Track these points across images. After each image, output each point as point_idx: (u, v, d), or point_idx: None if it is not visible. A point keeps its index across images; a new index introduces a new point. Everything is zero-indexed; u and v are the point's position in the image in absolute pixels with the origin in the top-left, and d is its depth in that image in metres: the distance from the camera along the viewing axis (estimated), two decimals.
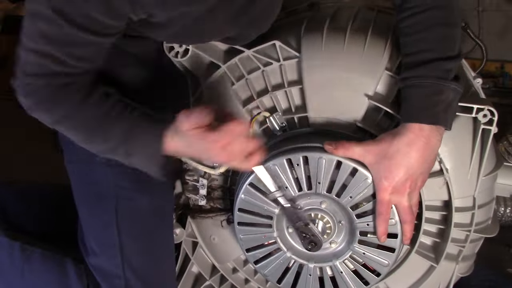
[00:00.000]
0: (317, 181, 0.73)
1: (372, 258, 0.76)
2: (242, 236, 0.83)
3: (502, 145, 1.41)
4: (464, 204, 0.80)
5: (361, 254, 0.77)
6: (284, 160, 0.73)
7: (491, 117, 0.71)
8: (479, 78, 0.88)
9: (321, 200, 0.76)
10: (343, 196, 0.73)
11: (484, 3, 1.74)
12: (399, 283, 0.88)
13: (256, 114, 0.84)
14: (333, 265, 0.79)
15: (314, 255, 0.80)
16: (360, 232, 0.75)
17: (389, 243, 0.74)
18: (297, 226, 0.76)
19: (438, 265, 0.82)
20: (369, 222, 0.74)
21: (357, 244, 0.76)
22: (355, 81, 0.75)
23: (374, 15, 0.87)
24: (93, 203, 0.88)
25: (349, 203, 0.73)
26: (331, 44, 0.77)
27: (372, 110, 0.78)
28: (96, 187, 0.87)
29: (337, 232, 0.78)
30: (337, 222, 0.76)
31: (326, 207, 0.76)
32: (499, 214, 1.34)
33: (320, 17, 0.86)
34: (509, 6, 1.72)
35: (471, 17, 1.80)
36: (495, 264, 1.18)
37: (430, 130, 0.66)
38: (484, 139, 0.74)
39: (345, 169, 0.71)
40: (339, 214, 0.76)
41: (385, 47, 0.76)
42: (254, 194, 0.78)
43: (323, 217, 0.77)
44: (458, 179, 0.77)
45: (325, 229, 0.77)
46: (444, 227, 0.81)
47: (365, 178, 0.71)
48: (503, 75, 1.74)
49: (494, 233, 0.87)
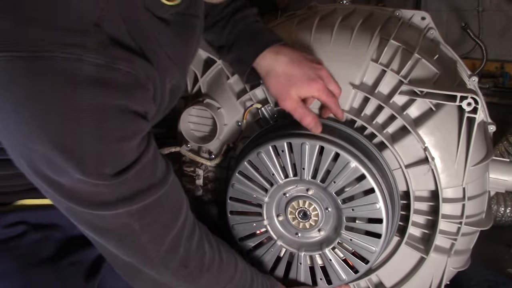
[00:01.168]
0: (301, 167, 0.74)
1: (359, 245, 0.76)
2: (234, 225, 0.85)
3: (502, 145, 1.41)
4: (453, 195, 0.81)
5: (348, 240, 0.77)
6: (270, 146, 0.74)
7: (475, 105, 0.71)
8: (475, 76, 0.90)
9: (307, 187, 0.77)
10: (327, 181, 0.73)
11: (484, 3, 1.75)
12: (391, 275, 0.88)
13: (249, 106, 0.87)
14: (322, 253, 0.80)
15: (303, 243, 0.81)
16: (346, 218, 0.76)
17: (375, 228, 0.74)
18: None
19: (428, 257, 0.82)
20: (354, 207, 0.74)
21: (344, 230, 0.76)
22: (342, 72, 0.78)
23: (367, 14, 0.90)
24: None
25: (334, 189, 0.74)
26: (319, 37, 0.80)
27: (361, 101, 0.80)
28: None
29: (325, 219, 0.78)
30: (324, 209, 0.77)
31: (313, 194, 0.77)
32: (499, 214, 1.33)
33: (312, 15, 0.90)
34: (509, 6, 1.72)
35: (471, 17, 1.81)
36: (495, 264, 1.17)
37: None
38: (470, 128, 0.75)
39: (328, 154, 0.72)
40: (326, 200, 0.77)
41: (371, 39, 0.78)
42: (243, 182, 0.80)
43: (310, 204, 0.78)
44: (445, 169, 0.78)
45: (313, 216, 0.78)
46: (433, 218, 0.82)
47: (347, 162, 0.71)
48: (503, 75, 1.73)
49: (487, 226, 0.86)
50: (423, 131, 0.76)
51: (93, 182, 0.50)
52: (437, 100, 0.74)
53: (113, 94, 0.49)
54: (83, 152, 0.48)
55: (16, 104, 0.45)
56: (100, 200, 0.53)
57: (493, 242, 0.99)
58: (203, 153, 0.94)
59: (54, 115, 0.46)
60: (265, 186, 0.78)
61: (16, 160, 0.52)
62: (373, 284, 0.90)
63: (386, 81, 0.77)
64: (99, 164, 0.50)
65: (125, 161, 0.53)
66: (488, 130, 0.90)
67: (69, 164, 0.48)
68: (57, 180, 0.51)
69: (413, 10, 0.94)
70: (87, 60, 0.46)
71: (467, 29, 1.46)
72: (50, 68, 0.44)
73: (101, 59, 0.47)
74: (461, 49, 1.82)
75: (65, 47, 0.45)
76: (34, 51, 0.44)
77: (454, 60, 0.91)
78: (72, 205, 0.53)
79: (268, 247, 0.84)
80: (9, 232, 0.67)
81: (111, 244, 0.60)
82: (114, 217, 0.55)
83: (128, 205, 0.55)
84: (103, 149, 0.50)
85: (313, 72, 0.75)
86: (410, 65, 0.77)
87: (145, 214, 0.58)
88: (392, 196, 0.77)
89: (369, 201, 0.73)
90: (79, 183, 0.50)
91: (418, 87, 0.74)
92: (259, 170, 0.78)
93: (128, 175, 0.53)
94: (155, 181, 0.57)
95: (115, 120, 0.50)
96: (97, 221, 0.56)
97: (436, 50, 0.85)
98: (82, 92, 0.46)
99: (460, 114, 0.75)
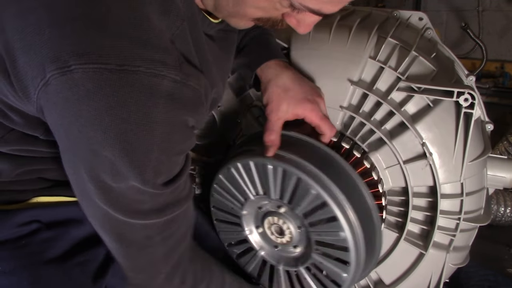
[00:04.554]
0: (268, 186, 0.70)
1: (330, 269, 0.72)
2: (220, 232, 0.85)
3: (502, 145, 1.41)
4: (451, 191, 0.81)
5: (319, 263, 0.74)
6: (238, 163, 0.72)
7: (472, 101, 0.72)
8: (472, 75, 0.90)
9: (278, 204, 0.74)
10: (293, 203, 0.70)
11: (484, 3, 1.75)
12: (390, 272, 0.88)
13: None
14: (298, 270, 0.77)
15: (282, 257, 0.79)
16: (315, 241, 0.72)
17: (342, 256, 0.70)
18: None
19: (426, 253, 0.82)
20: (320, 232, 0.70)
21: (315, 253, 0.73)
22: (340, 69, 0.79)
23: (365, 14, 0.91)
24: None
25: (300, 211, 0.70)
26: (317, 35, 0.81)
27: (360, 97, 0.81)
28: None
29: (299, 237, 0.75)
30: (297, 227, 0.74)
31: (285, 212, 0.73)
32: (499, 214, 1.33)
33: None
34: (509, 6, 1.73)
35: (471, 17, 1.81)
36: (495, 264, 1.17)
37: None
38: (467, 124, 0.75)
39: (290, 178, 0.68)
40: (297, 220, 0.73)
41: (369, 37, 0.79)
42: (221, 193, 0.78)
43: (284, 222, 0.75)
44: (443, 164, 0.78)
45: (287, 233, 0.75)
46: (432, 214, 0.82)
47: (309, 188, 0.66)
48: (503, 75, 1.74)
49: (485, 222, 0.87)
50: (421, 127, 0.77)
51: (144, 190, 0.53)
52: (434, 96, 0.74)
53: (182, 109, 0.52)
54: (148, 161, 0.51)
55: (98, 113, 0.47)
56: (139, 208, 0.55)
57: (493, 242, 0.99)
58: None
59: (134, 125, 0.48)
60: (240, 199, 0.76)
61: (71, 163, 0.54)
62: (372, 282, 0.91)
63: (384, 78, 0.78)
64: (156, 174, 0.53)
65: (174, 173, 0.56)
66: (486, 129, 0.91)
67: (132, 172, 0.51)
68: (111, 185, 0.52)
69: (411, 10, 0.96)
70: (168, 76, 0.49)
71: (467, 29, 1.47)
72: (135, 82, 0.47)
73: (179, 76, 0.50)
74: (461, 49, 1.83)
75: (151, 63, 0.47)
76: (122, 64, 0.46)
77: (452, 59, 0.92)
78: (110, 211, 0.55)
79: (251, 257, 0.83)
80: (22, 231, 0.68)
81: (130, 256, 0.61)
82: (143, 227, 0.57)
83: (160, 216, 0.57)
84: (164, 160, 0.53)
85: (312, 94, 0.75)
86: (407, 62, 0.78)
87: (168, 227, 0.60)
88: (368, 221, 0.72)
89: (332, 228, 0.68)
90: (131, 189, 0.53)
91: (415, 83, 0.75)
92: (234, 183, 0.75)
93: (173, 187, 0.56)
94: (184, 195, 0.60)
95: (179, 134, 0.53)
96: (126, 229, 0.57)
97: (434, 49, 0.86)
98: (159, 106, 0.49)
99: (457, 110, 0.76)
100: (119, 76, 0.46)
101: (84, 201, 0.57)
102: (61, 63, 0.45)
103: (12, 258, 0.67)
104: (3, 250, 0.66)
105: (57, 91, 0.46)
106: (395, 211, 0.84)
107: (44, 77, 0.46)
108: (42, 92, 0.47)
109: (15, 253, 0.67)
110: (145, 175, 0.51)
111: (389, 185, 0.82)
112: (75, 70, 0.45)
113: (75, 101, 0.46)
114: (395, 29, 0.84)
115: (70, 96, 0.46)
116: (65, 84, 0.45)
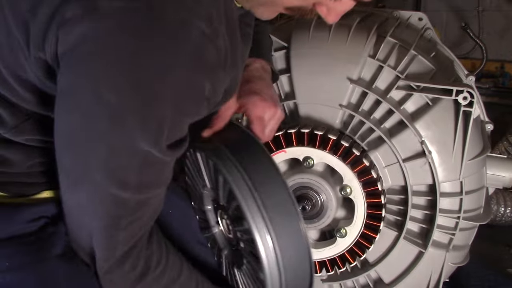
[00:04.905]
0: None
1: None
2: (199, 221, 0.81)
3: (502, 145, 1.41)
4: (451, 189, 0.81)
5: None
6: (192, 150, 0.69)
7: (471, 99, 0.72)
8: (472, 75, 0.91)
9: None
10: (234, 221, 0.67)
11: (484, 3, 1.76)
12: (390, 271, 0.88)
13: None
14: (235, 270, 0.74)
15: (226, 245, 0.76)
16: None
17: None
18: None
19: (426, 251, 0.82)
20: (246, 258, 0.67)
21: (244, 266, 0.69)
22: (339, 67, 0.79)
23: (365, 14, 0.91)
24: None
25: (237, 229, 0.67)
26: (317, 35, 0.82)
27: (359, 96, 0.81)
28: None
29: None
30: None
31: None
32: (499, 214, 1.33)
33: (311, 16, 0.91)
34: (509, 6, 1.74)
35: (471, 17, 1.82)
36: (495, 264, 1.17)
37: None
38: (466, 122, 0.76)
39: (232, 197, 0.62)
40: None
41: (369, 37, 0.80)
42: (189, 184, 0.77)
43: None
44: (442, 162, 0.79)
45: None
46: (431, 213, 0.82)
47: (243, 220, 0.60)
48: (503, 75, 1.74)
49: (485, 221, 0.87)
50: (420, 125, 0.77)
51: (144, 150, 0.52)
52: (433, 95, 0.75)
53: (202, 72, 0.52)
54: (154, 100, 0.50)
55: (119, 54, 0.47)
56: (123, 175, 0.54)
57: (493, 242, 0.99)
58: None
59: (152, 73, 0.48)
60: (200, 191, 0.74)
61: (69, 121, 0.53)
62: (372, 280, 0.91)
63: (383, 77, 0.79)
64: (160, 126, 0.52)
65: (177, 136, 0.55)
66: (486, 129, 0.91)
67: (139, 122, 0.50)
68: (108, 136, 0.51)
69: (411, 11, 0.96)
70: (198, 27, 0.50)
71: (467, 29, 1.47)
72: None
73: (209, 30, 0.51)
74: (461, 49, 1.83)
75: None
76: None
77: (451, 59, 0.92)
78: (102, 177, 0.54)
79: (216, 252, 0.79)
80: (31, 227, 0.67)
81: (96, 225, 0.59)
82: (125, 201, 0.56)
83: (137, 192, 0.56)
84: (171, 115, 0.52)
85: (270, 97, 0.73)
86: (406, 61, 0.78)
87: (140, 208, 0.59)
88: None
89: (255, 265, 0.63)
90: (128, 148, 0.52)
91: (414, 82, 0.75)
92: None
93: (174, 154, 0.55)
94: (167, 179, 0.59)
95: (193, 94, 0.53)
96: (109, 201, 0.56)
97: (433, 49, 0.86)
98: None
99: (456, 108, 0.76)
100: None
101: (70, 169, 0.56)
102: (86, 1, 0.45)
103: (19, 254, 0.66)
104: (11, 246, 0.66)
105: (80, 28, 0.46)
106: (394, 209, 0.84)
107: (65, 14, 0.46)
108: (62, 28, 0.47)
109: (23, 249, 0.67)
110: (161, 131, 0.51)
111: (389, 183, 0.82)
112: (101, 8, 0.45)
113: (97, 40, 0.46)
114: (394, 29, 0.84)
115: (90, 35, 0.46)
116: (87, 22, 0.46)
